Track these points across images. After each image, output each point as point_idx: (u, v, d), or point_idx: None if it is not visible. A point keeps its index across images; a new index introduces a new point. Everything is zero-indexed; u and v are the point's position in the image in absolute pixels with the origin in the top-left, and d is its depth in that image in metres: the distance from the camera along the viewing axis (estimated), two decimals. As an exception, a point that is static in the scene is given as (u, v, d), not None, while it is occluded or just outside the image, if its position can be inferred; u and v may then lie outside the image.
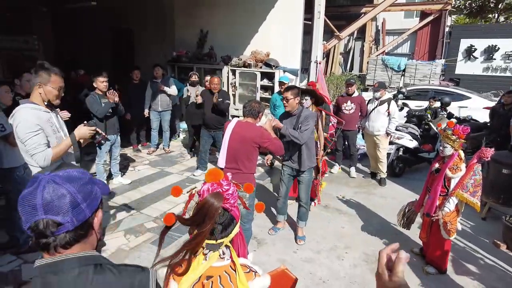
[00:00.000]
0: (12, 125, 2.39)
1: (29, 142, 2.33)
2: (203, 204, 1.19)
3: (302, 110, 3.71)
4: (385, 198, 5.27)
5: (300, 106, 3.73)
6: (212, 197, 1.20)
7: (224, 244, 1.25)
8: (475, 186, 3.10)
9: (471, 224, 4.44)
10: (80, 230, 0.94)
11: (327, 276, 3.35)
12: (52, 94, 2.46)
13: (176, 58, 8.55)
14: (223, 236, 1.25)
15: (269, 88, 7.29)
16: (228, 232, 1.26)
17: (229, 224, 1.26)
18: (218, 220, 1.24)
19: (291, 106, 3.64)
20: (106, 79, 4.77)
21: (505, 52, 12.50)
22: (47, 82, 2.42)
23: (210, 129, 5.63)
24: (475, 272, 3.48)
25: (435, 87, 10.49)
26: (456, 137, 3.12)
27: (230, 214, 1.27)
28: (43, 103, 2.48)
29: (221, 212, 1.24)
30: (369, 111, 5.73)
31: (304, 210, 3.99)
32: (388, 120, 5.58)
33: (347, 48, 17.32)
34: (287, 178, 3.98)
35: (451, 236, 3.27)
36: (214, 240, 1.24)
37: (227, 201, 1.24)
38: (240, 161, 3.16)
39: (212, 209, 1.18)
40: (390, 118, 5.57)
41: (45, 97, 2.45)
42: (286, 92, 3.63)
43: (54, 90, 2.46)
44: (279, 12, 7.41)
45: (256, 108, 3.25)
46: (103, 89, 4.75)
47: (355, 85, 5.91)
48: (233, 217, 1.27)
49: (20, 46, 10.11)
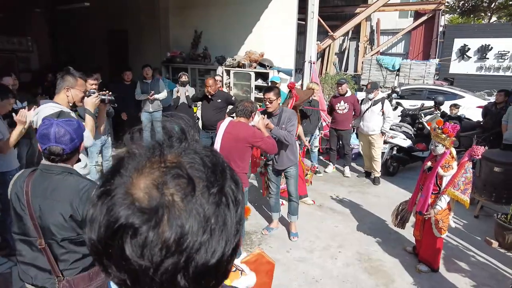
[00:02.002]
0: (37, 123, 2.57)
1: None
2: None
3: (282, 110, 3.74)
4: (378, 197, 5.29)
5: (280, 106, 3.75)
6: None
7: None
8: (466, 184, 3.12)
9: (463, 222, 4.46)
10: (71, 153, 1.66)
11: (320, 275, 3.36)
12: (78, 97, 2.68)
13: (170, 59, 8.53)
14: None
15: (263, 88, 7.29)
16: None
17: None
18: None
19: (274, 107, 3.66)
20: (96, 82, 4.71)
21: (498, 51, 12.60)
22: (74, 85, 2.64)
23: (208, 130, 5.60)
24: (467, 270, 3.49)
25: (429, 86, 10.55)
26: (446, 135, 3.14)
27: None
28: (68, 104, 2.66)
29: None
30: (363, 111, 5.74)
31: (295, 204, 4.03)
32: (383, 120, 5.60)
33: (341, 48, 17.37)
34: (274, 176, 4.02)
35: (443, 234, 3.29)
36: None
37: None
38: (233, 161, 3.16)
39: None
40: (384, 118, 5.59)
41: (72, 99, 2.66)
42: (268, 93, 3.63)
43: (80, 93, 2.68)
44: (272, 12, 7.42)
45: (249, 108, 3.25)
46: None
47: (346, 84, 5.92)
48: None
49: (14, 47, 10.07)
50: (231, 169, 0.55)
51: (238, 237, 0.51)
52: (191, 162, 0.50)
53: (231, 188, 0.51)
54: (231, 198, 0.50)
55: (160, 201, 0.45)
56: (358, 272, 3.43)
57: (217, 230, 0.47)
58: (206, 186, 0.48)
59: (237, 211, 0.51)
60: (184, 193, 0.46)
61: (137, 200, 0.45)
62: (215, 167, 0.51)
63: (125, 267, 0.46)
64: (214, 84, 5.50)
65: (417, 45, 16.28)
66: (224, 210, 0.49)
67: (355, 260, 3.63)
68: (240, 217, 0.52)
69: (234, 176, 0.54)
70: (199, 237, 0.45)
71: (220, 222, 0.48)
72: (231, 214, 0.49)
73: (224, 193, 0.50)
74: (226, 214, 0.49)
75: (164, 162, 0.49)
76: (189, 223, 0.45)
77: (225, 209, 0.49)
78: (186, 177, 0.47)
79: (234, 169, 0.55)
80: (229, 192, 0.51)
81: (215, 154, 0.54)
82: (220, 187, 0.49)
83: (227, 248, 0.48)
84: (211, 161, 0.52)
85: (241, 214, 0.52)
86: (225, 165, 0.54)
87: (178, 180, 0.47)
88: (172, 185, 0.46)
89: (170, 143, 0.52)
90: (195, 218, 0.45)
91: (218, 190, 0.49)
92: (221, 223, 0.48)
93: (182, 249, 0.44)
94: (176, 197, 0.46)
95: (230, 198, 0.50)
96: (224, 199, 0.49)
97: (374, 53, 16.16)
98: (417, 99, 9.18)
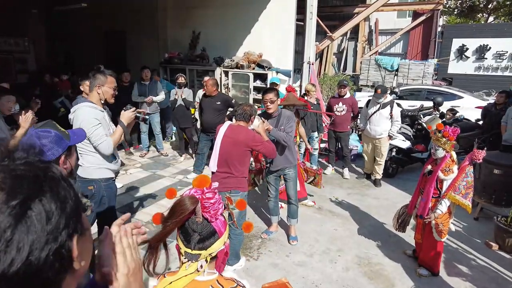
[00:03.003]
0: (74, 122, 2.74)
1: (94, 134, 2.69)
2: (176, 203, 1.18)
3: (281, 111, 3.71)
4: (378, 199, 5.26)
5: (279, 109, 3.73)
6: (187, 198, 1.18)
7: (202, 257, 1.21)
8: (467, 188, 3.10)
9: (463, 225, 4.45)
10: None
11: (320, 280, 3.33)
12: (109, 94, 2.85)
13: (168, 60, 8.49)
14: (200, 248, 1.20)
15: (262, 89, 7.25)
16: (206, 245, 1.21)
17: (208, 237, 1.21)
18: (196, 229, 1.20)
19: (275, 107, 3.63)
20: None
21: (496, 51, 12.62)
22: (104, 83, 2.80)
23: (209, 133, 5.53)
24: (468, 274, 3.47)
25: (428, 86, 10.54)
26: (446, 139, 3.11)
27: (212, 226, 1.23)
28: (100, 102, 2.85)
29: (202, 221, 1.21)
30: (370, 115, 5.57)
31: (294, 207, 4.00)
32: (391, 123, 5.48)
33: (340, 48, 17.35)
34: (273, 179, 3.99)
35: (443, 238, 3.27)
36: (190, 248, 1.20)
37: (206, 210, 1.20)
38: (232, 165, 3.13)
39: (180, 208, 1.16)
40: (392, 122, 5.47)
41: (103, 96, 2.83)
42: (269, 94, 3.60)
43: (110, 89, 2.85)
44: (271, 13, 7.38)
45: (248, 111, 3.21)
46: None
47: (348, 87, 5.88)
48: (215, 231, 1.23)
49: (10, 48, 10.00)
50: (59, 182, 0.57)
51: (55, 245, 0.53)
52: (1, 177, 0.52)
53: (43, 202, 0.53)
54: (41, 210, 0.52)
55: None
56: (358, 277, 3.40)
57: (15, 241, 0.49)
58: (6, 200, 0.50)
59: (49, 222, 0.52)
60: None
61: None
62: (27, 180, 0.53)
63: None
64: (213, 85, 5.42)
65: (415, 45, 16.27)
66: (28, 221, 0.50)
67: (355, 264, 3.61)
68: (57, 227, 0.54)
69: (57, 189, 0.56)
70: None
71: (21, 233, 0.49)
72: (36, 225, 0.51)
73: (30, 206, 0.51)
74: (30, 225, 0.50)
75: None
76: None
77: (29, 220, 0.50)
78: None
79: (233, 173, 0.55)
80: (38, 205, 0.52)
81: (40, 168, 0.56)
82: (23, 200, 0.51)
83: (35, 255, 0.50)
84: (25, 175, 0.53)
85: (57, 225, 0.54)
86: (46, 179, 0.56)
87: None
88: None
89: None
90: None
91: (21, 202, 0.50)
92: (23, 234, 0.49)
93: None
94: None
95: (39, 210, 0.52)
96: (30, 212, 0.51)
97: (373, 53, 16.15)
98: (416, 100, 9.18)
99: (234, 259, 3.37)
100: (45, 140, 1.67)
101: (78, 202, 0.61)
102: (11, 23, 9.56)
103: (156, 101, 6.46)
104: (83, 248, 0.62)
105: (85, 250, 0.64)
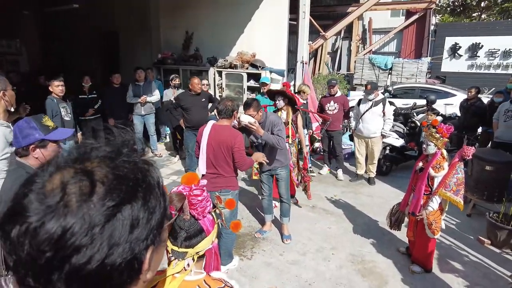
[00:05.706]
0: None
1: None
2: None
3: (266, 116, 3.67)
4: (371, 197, 5.28)
5: (264, 113, 3.67)
6: (174, 195, 1.17)
7: (189, 256, 1.20)
8: (458, 185, 3.11)
9: (456, 221, 4.47)
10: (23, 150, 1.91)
11: (313, 278, 3.33)
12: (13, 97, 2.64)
13: (162, 60, 8.46)
14: (187, 246, 1.19)
15: (256, 89, 7.25)
16: (193, 243, 1.20)
17: (195, 235, 1.20)
18: (183, 226, 1.19)
19: (258, 118, 3.52)
20: (61, 83, 4.70)
21: (489, 49, 12.68)
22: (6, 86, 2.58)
23: (196, 130, 5.52)
24: (461, 270, 3.49)
25: (421, 85, 10.59)
26: (440, 135, 3.13)
27: (199, 224, 1.22)
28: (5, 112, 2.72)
29: (190, 219, 1.20)
30: (362, 113, 5.51)
31: (286, 206, 4.01)
32: (383, 121, 5.44)
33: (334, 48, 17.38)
34: (266, 177, 3.99)
35: (436, 235, 3.28)
36: (176, 246, 1.19)
37: (194, 207, 1.20)
38: (219, 166, 3.12)
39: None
40: (385, 119, 5.43)
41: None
42: (248, 111, 3.46)
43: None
44: (264, 12, 7.38)
45: (230, 106, 3.14)
46: (59, 93, 4.67)
47: (337, 85, 5.89)
48: (202, 229, 1.22)
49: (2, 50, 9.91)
50: (153, 190, 0.57)
51: (130, 255, 0.52)
52: (105, 172, 0.52)
53: (133, 208, 0.52)
54: (128, 217, 0.52)
55: (56, 198, 0.48)
56: (351, 274, 3.41)
57: (99, 239, 0.49)
58: (104, 197, 0.50)
59: (132, 232, 0.52)
60: (81, 196, 0.49)
61: (45, 192, 0.49)
62: (126, 182, 0.53)
63: (10, 252, 0.49)
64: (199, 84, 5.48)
65: (409, 43, 16.34)
66: (114, 224, 0.50)
67: (348, 262, 3.61)
68: (137, 238, 0.53)
69: (149, 198, 0.55)
70: (78, 240, 0.47)
71: (106, 234, 0.49)
72: (120, 231, 0.50)
73: (120, 210, 0.51)
74: (115, 229, 0.50)
75: (82, 165, 0.53)
76: (72, 223, 0.47)
77: (116, 223, 0.50)
78: (89, 182, 0.50)
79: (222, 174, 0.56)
80: (127, 211, 0.52)
81: (142, 171, 0.56)
82: (118, 202, 0.51)
83: (110, 259, 0.50)
84: (126, 176, 0.53)
85: (138, 235, 0.53)
86: (144, 184, 0.55)
87: (81, 183, 0.50)
88: (74, 186, 0.50)
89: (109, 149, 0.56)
90: (81, 221, 0.48)
91: (115, 204, 0.50)
92: (106, 235, 0.49)
93: (59, 247, 0.47)
94: (72, 197, 0.49)
95: (126, 216, 0.51)
96: (119, 215, 0.51)
97: (367, 52, 16.19)
98: (410, 98, 9.21)
99: (227, 259, 3.36)
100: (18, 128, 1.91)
101: (165, 213, 0.60)
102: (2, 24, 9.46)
103: (150, 101, 6.42)
104: (155, 260, 0.60)
105: (156, 262, 0.62)
